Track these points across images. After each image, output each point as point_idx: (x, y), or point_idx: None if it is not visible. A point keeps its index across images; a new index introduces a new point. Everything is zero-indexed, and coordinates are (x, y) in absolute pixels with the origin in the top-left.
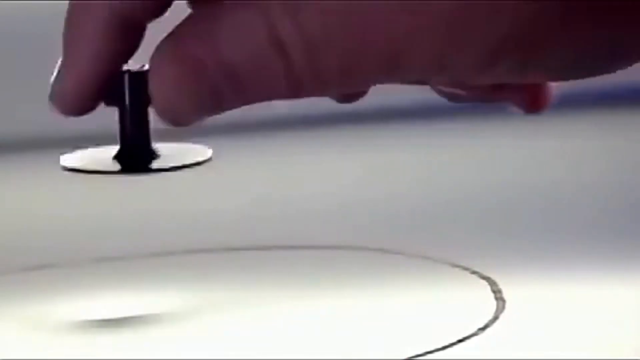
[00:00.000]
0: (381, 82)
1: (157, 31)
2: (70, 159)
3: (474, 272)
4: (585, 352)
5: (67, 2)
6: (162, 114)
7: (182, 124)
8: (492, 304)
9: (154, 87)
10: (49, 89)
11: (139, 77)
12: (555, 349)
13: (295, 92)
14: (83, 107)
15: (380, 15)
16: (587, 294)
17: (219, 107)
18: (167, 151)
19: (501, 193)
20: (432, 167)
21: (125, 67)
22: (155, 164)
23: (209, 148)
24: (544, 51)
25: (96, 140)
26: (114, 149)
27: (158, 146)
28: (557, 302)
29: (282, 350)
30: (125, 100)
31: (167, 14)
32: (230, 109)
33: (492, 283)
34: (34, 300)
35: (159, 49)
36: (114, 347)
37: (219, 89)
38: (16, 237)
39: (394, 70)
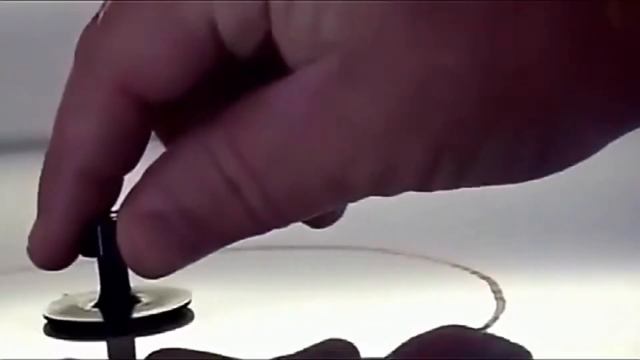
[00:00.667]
0: (338, 203)
1: None
2: (52, 309)
3: (474, 272)
4: (585, 352)
5: (68, 2)
6: (136, 271)
7: (159, 276)
8: (492, 304)
9: (123, 248)
10: (47, 89)
11: (112, 229)
12: (555, 349)
13: (261, 228)
14: (58, 261)
15: (317, 140)
16: (587, 294)
17: (192, 254)
18: (147, 296)
19: (501, 193)
20: None
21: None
22: (135, 312)
23: (189, 290)
24: (481, 148)
25: None
26: (95, 295)
27: (138, 288)
28: (557, 302)
29: (282, 350)
30: (100, 251)
31: None
32: (204, 254)
33: (492, 283)
34: (34, 300)
35: (121, 207)
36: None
37: (186, 237)
38: (16, 237)
39: (343, 191)
